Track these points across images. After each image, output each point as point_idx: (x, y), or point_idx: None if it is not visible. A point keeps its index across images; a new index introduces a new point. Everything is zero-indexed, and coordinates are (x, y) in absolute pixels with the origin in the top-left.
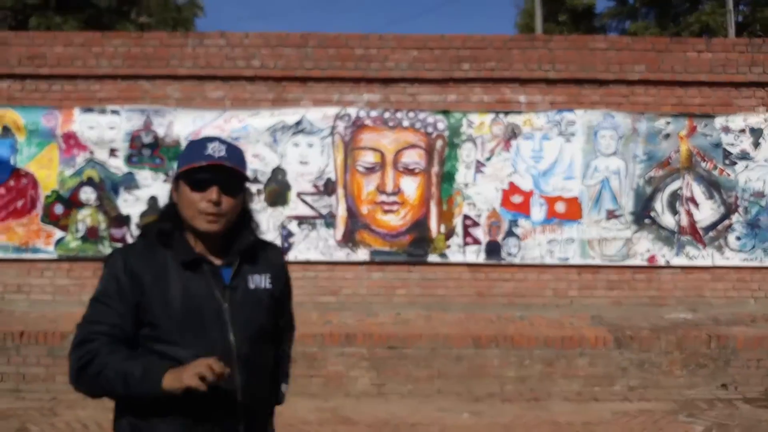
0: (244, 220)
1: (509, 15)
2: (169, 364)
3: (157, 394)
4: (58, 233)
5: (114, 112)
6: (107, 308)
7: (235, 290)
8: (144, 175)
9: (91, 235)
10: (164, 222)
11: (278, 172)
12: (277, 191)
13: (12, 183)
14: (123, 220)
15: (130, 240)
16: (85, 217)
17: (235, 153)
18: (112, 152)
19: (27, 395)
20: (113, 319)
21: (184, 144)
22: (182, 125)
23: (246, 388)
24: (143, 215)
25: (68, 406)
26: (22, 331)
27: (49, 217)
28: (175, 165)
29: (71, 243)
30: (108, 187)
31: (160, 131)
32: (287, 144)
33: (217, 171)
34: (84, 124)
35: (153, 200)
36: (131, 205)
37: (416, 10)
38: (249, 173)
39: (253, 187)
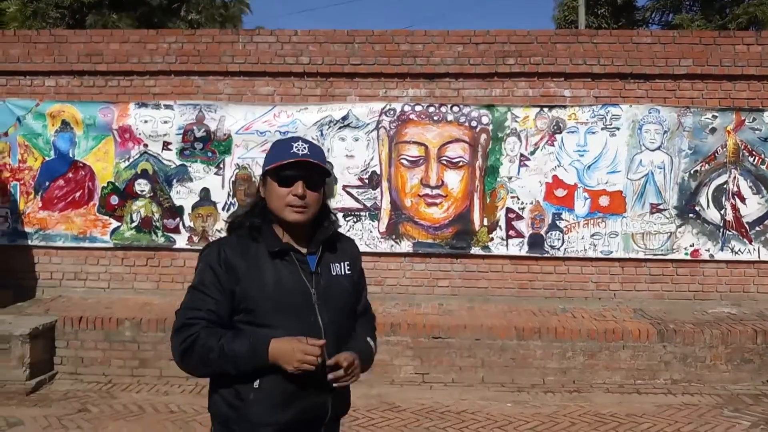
0: (324, 212)
1: (546, 9)
2: (270, 338)
3: (263, 368)
4: (113, 223)
5: (167, 106)
6: (204, 296)
7: (320, 276)
8: (196, 168)
9: (145, 225)
10: (253, 216)
11: (327, 164)
12: None
13: (70, 175)
14: (176, 211)
15: (182, 230)
16: (139, 208)
17: (316, 151)
18: (166, 145)
19: (85, 378)
20: (210, 305)
21: (235, 138)
22: (233, 120)
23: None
24: (195, 206)
25: (124, 389)
26: (81, 317)
27: (105, 208)
28: (226, 158)
29: (126, 232)
30: (161, 179)
31: (212, 125)
32: (334, 138)
33: (302, 167)
34: (139, 118)
35: (205, 191)
36: (184, 197)
37: (447, 7)
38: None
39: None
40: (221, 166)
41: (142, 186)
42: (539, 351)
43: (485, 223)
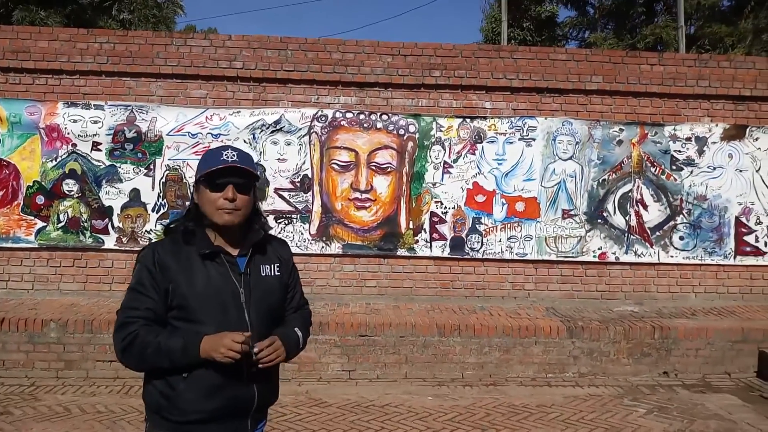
0: (254, 216)
1: (475, 20)
2: (202, 336)
3: (196, 363)
4: (39, 223)
5: (98, 106)
6: (142, 296)
7: (249, 276)
8: (126, 169)
9: (73, 226)
10: (188, 221)
11: (257, 169)
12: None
13: None
14: (105, 212)
15: (111, 230)
16: (66, 208)
17: (245, 157)
18: (95, 146)
19: (6, 380)
20: (148, 304)
21: (166, 139)
22: (165, 121)
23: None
24: (124, 207)
25: (48, 391)
26: (3, 318)
27: (30, 207)
28: (157, 159)
29: (52, 233)
30: (90, 179)
31: (143, 126)
32: (266, 142)
33: (231, 173)
34: (67, 117)
35: (135, 192)
36: (113, 197)
37: (381, 15)
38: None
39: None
40: (152, 167)
41: (70, 186)
42: (459, 347)
43: (411, 226)
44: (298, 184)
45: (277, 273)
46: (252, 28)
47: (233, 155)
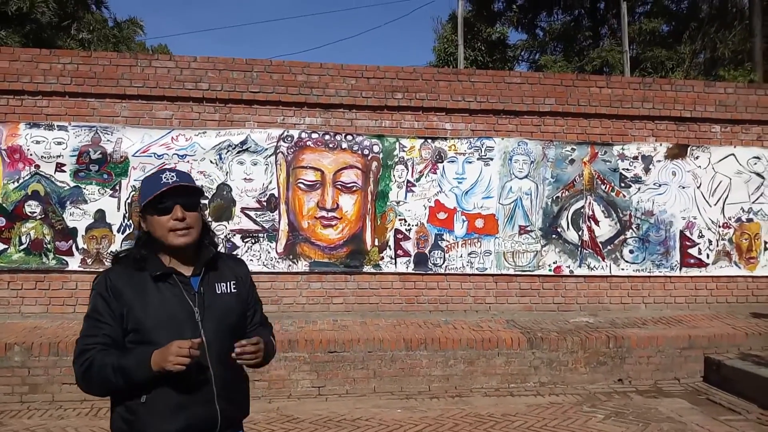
0: (205, 233)
1: (428, 39)
2: (152, 351)
3: (150, 378)
4: (0, 245)
5: (61, 127)
6: (98, 323)
7: (203, 295)
8: (91, 190)
9: (35, 248)
10: (136, 248)
11: (223, 188)
12: (222, 206)
13: None
14: (69, 233)
15: (75, 252)
16: (29, 230)
17: (184, 176)
18: (59, 167)
19: None
20: (105, 330)
21: (132, 160)
22: (130, 142)
23: (219, 378)
24: (89, 228)
25: (13, 416)
26: None
27: None
28: (122, 180)
29: (13, 255)
30: (54, 201)
31: (108, 147)
32: (232, 162)
33: (176, 193)
34: (30, 138)
35: (100, 213)
36: (77, 219)
37: (339, 35)
38: (206, 191)
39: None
40: (117, 188)
41: (33, 207)
42: (425, 360)
43: (376, 243)
44: (265, 204)
45: (233, 290)
46: (208, 46)
47: (172, 176)
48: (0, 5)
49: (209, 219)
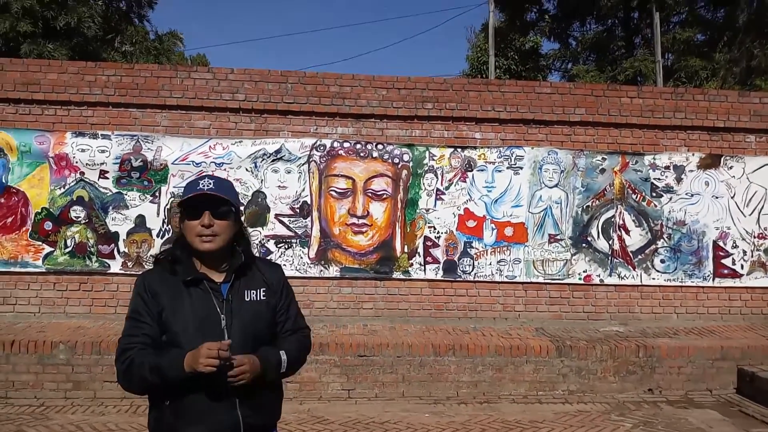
0: (239, 241)
1: (462, 48)
2: (185, 352)
3: (183, 378)
4: (46, 248)
5: (105, 136)
6: (138, 323)
7: (231, 303)
8: (132, 196)
9: (80, 251)
10: (176, 249)
11: (258, 195)
12: (257, 213)
13: (2, 200)
14: (111, 237)
15: (117, 255)
16: (74, 234)
17: (222, 185)
18: (102, 174)
19: (16, 401)
20: (144, 330)
21: (171, 168)
22: (169, 150)
23: (242, 385)
24: (130, 233)
25: (58, 411)
26: (13, 341)
27: (39, 233)
28: (162, 186)
29: (59, 257)
30: (97, 206)
31: (149, 155)
32: (267, 170)
33: (208, 200)
34: (75, 146)
35: (140, 218)
36: (119, 224)
37: (374, 45)
38: (241, 197)
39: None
40: (157, 194)
41: (78, 212)
42: (453, 366)
43: (406, 249)
44: (298, 210)
45: (262, 297)
46: (244, 56)
47: (209, 183)
48: (49, 20)
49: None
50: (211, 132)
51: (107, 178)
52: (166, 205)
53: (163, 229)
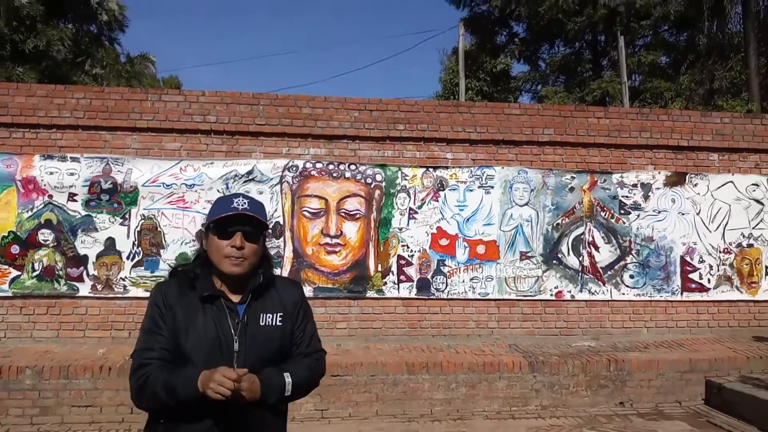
0: (263, 263)
1: (435, 71)
2: (200, 369)
3: (195, 397)
4: (13, 272)
5: (74, 159)
6: (156, 335)
7: (246, 325)
8: (102, 219)
9: (48, 274)
10: (194, 265)
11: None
12: None
13: None
14: (80, 260)
15: (86, 278)
16: (41, 257)
17: (256, 206)
18: (71, 197)
19: None
20: (162, 343)
21: (141, 190)
22: (140, 173)
23: (244, 415)
24: (100, 255)
25: None
26: None
27: (5, 257)
28: (132, 209)
29: (26, 281)
30: (66, 229)
31: (119, 178)
32: (239, 191)
33: (241, 221)
34: (44, 169)
35: (110, 241)
36: (89, 246)
37: (347, 67)
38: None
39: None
40: (127, 216)
41: (46, 235)
42: (427, 384)
43: (379, 268)
44: (270, 231)
45: (278, 323)
46: (216, 77)
47: (244, 203)
48: (18, 44)
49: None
50: (182, 154)
51: (76, 201)
52: (136, 227)
53: (133, 252)
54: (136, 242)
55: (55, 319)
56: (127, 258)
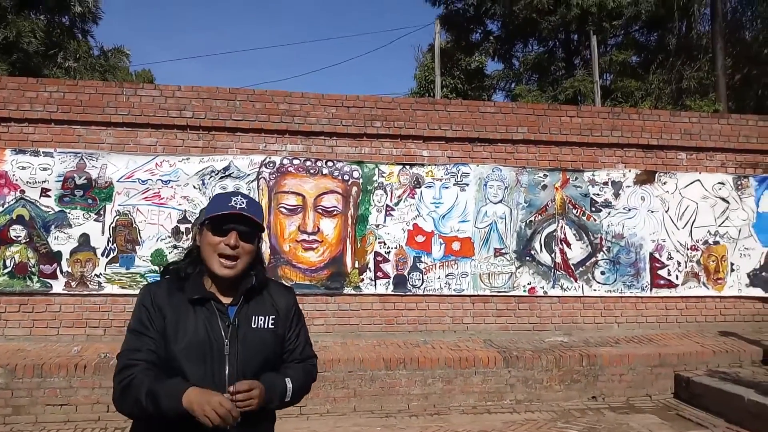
0: (255, 265)
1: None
2: (189, 385)
3: (177, 411)
4: None
5: (47, 154)
6: (143, 336)
7: (238, 328)
8: (76, 214)
9: (20, 271)
10: (186, 264)
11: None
12: None
13: None
14: (53, 256)
15: (60, 275)
16: (13, 254)
17: (254, 206)
18: (44, 192)
19: None
20: (149, 345)
21: (116, 185)
22: (115, 168)
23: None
24: (74, 252)
25: None
26: None
27: None
28: (107, 204)
29: None
30: (39, 225)
31: (93, 173)
32: (215, 187)
33: (238, 220)
34: (15, 164)
35: (84, 237)
36: (62, 243)
37: (321, 64)
38: (183, 214)
39: (193, 229)
40: (102, 212)
41: (18, 231)
42: (404, 379)
43: (356, 265)
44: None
45: (271, 326)
46: (191, 72)
47: (242, 202)
48: None
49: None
50: (157, 149)
51: (49, 197)
52: (112, 223)
53: (108, 248)
54: (111, 238)
55: (28, 316)
56: (102, 254)
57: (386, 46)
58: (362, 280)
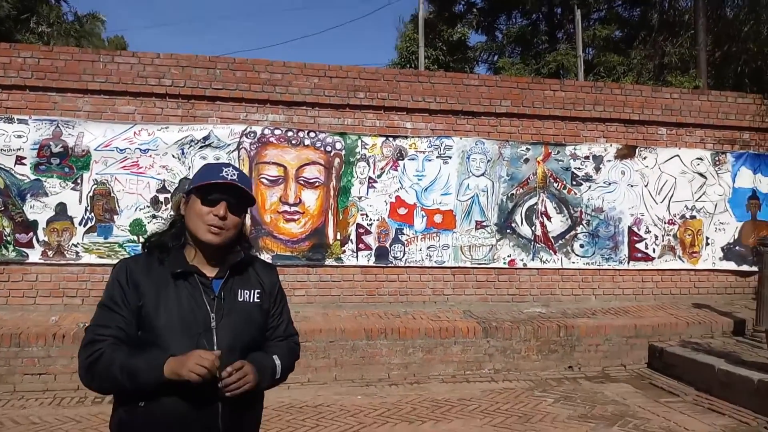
0: (239, 239)
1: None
2: (169, 355)
3: (159, 383)
4: None
5: (21, 121)
6: (113, 313)
7: (223, 301)
8: (52, 183)
9: None
10: (168, 236)
11: (185, 182)
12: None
13: None
14: (29, 225)
15: (36, 244)
16: None
17: (244, 178)
18: (19, 160)
19: None
20: (119, 322)
21: (94, 154)
22: (92, 136)
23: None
24: (50, 221)
25: None
26: None
27: None
28: (84, 173)
29: None
30: (14, 194)
31: (70, 141)
32: (195, 156)
33: (228, 191)
34: None
35: (61, 206)
36: (38, 211)
37: (301, 33)
38: (162, 184)
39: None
40: (79, 181)
41: None
42: (385, 349)
43: (338, 237)
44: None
45: (256, 300)
46: (169, 39)
47: (233, 174)
48: None
49: (170, 213)
50: (136, 118)
51: (24, 165)
52: (89, 192)
53: (86, 217)
54: (88, 208)
55: (4, 285)
56: (80, 224)
57: (369, 15)
58: (344, 251)
